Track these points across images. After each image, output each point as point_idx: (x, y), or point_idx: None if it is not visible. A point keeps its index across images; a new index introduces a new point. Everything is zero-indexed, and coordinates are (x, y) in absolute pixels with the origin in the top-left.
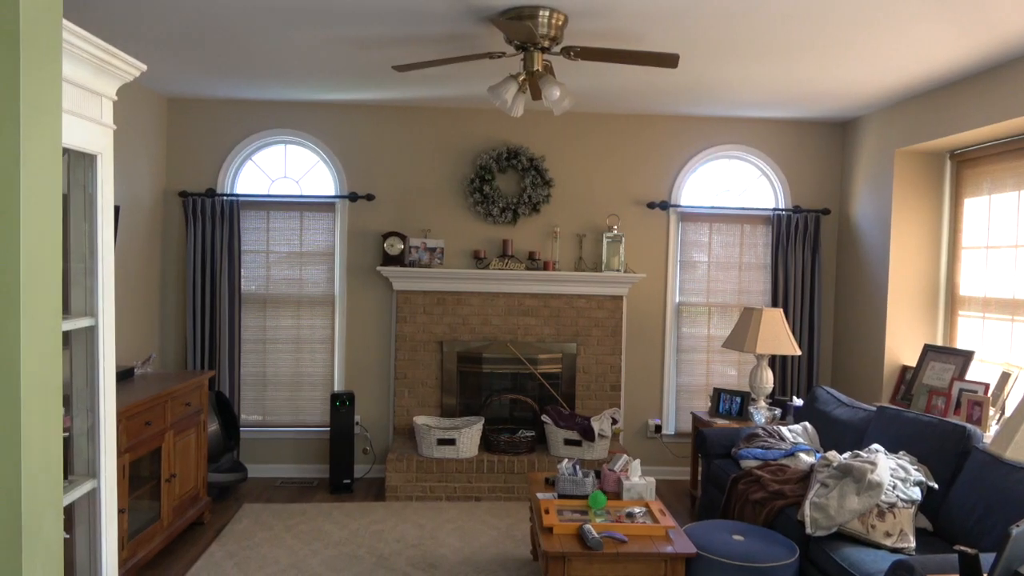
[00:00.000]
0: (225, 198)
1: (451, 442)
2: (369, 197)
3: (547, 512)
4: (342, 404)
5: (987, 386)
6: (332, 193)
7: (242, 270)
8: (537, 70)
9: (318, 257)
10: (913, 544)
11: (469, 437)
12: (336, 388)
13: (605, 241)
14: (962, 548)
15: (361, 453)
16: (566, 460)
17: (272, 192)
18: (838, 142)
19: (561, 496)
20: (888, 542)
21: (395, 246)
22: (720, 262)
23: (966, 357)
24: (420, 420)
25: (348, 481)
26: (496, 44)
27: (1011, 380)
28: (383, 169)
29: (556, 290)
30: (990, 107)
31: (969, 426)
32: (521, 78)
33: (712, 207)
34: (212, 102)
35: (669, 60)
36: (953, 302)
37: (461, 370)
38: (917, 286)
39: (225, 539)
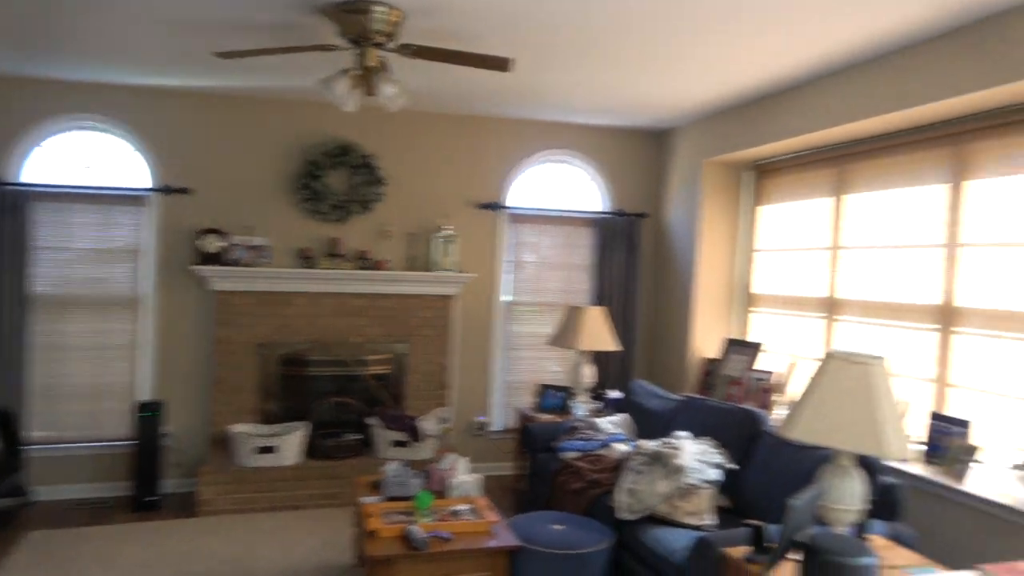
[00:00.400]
0: (10, 188)
1: (272, 450)
2: (184, 191)
3: (371, 516)
4: (148, 414)
5: (774, 374)
6: (144, 185)
7: (33, 269)
8: (372, 66)
9: (126, 255)
10: (713, 521)
11: (291, 444)
12: (143, 397)
13: (437, 241)
14: (749, 521)
15: (171, 467)
16: (394, 462)
17: (73, 183)
18: (656, 150)
19: (388, 499)
20: (692, 521)
21: (213, 243)
22: (549, 262)
23: (756, 348)
24: (238, 428)
25: (154, 498)
26: (330, 36)
27: (794, 368)
28: (202, 161)
29: (387, 290)
30: (784, 124)
31: (758, 411)
32: (355, 73)
33: (541, 209)
34: None
35: (502, 64)
36: (748, 299)
37: (285, 374)
38: (719, 285)
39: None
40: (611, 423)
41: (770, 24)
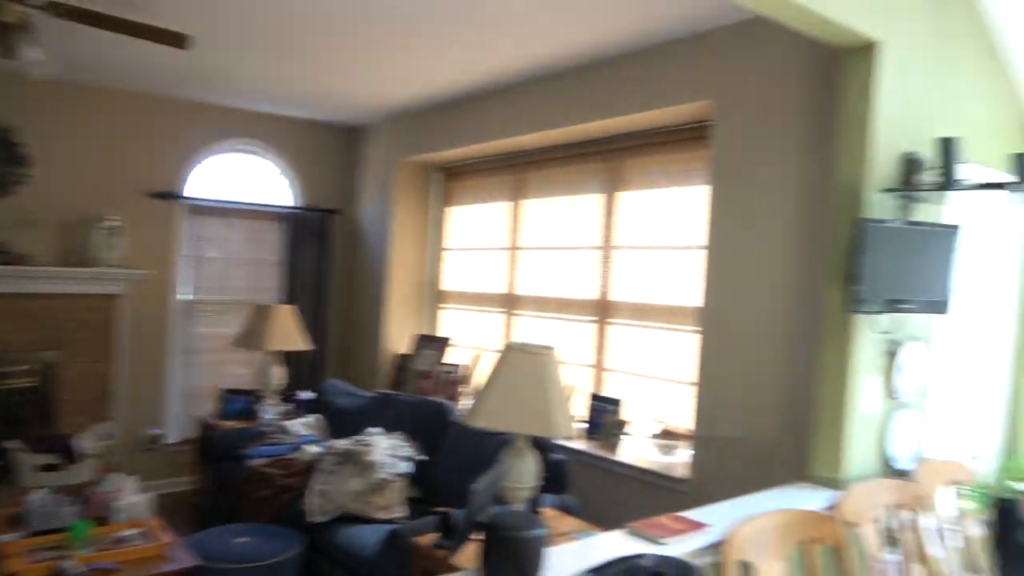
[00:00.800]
0: None
1: None
2: None
3: (11, 556)
4: None
5: (459, 367)
6: None
7: None
8: (9, 22)
9: None
10: (405, 513)
11: None
12: None
13: (99, 233)
14: (436, 509)
15: None
16: (42, 490)
17: None
18: (349, 146)
19: (34, 533)
20: (384, 515)
21: None
22: (235, 258)
23: (444, 343)
24: None
25: None
26: None
27: (479, 361)
28: None
29: (33, 289)
30: (468, 131)
31: (447, 403)
32: None
33: (226, 201)
34: None
35: (179, 40)
36: (437, 296)
37: None
38: (410, 282)
39: None
40: (302, 425)
41: (458, 38)
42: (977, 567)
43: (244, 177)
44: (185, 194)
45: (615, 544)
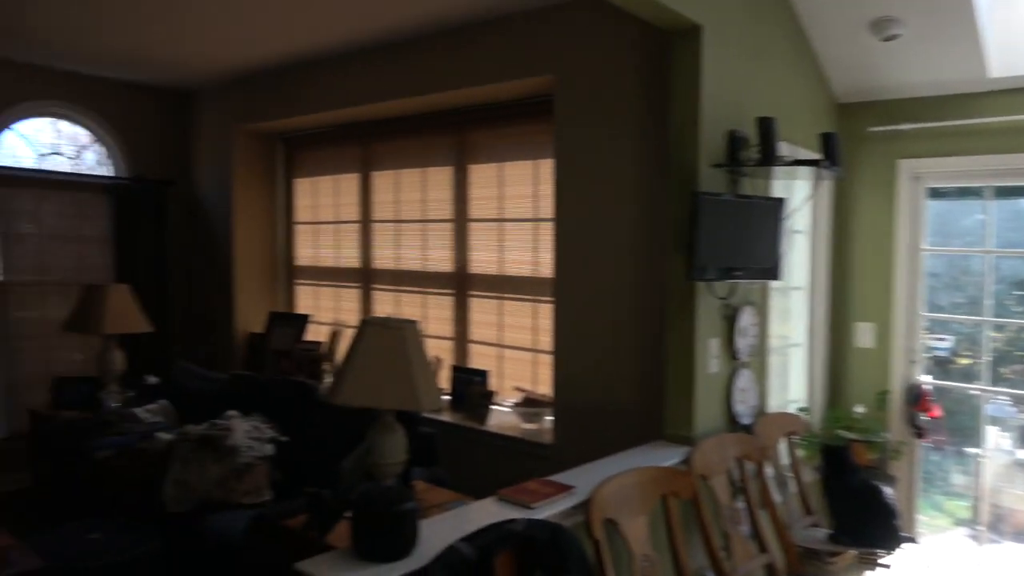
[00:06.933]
0: None
1: None
2: None
3: None
4: None
5: (321, 344)
6: None
7: None
8: None
9: None
10: (270, 496)
11: None
12: None
13: None
14: (307, 489)
15: None
16: None
17: None
18: (180, 113)
19: None
20: (247, 500)
21: None
22: (55, 235)
23: (303, 320)
24: None
25: None
26: None
27: (338, 337)
28: None
29: None
30: (311, 98)
31: (308, 381)
32: None
33: (37, 171)
34: None
35: None
36: (291, 272)
37: None
38: (260, 258)
39: None
40: (150, 412)
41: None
42: (811, 509)
43: (59, 145)
44: None
45: (487, 512)
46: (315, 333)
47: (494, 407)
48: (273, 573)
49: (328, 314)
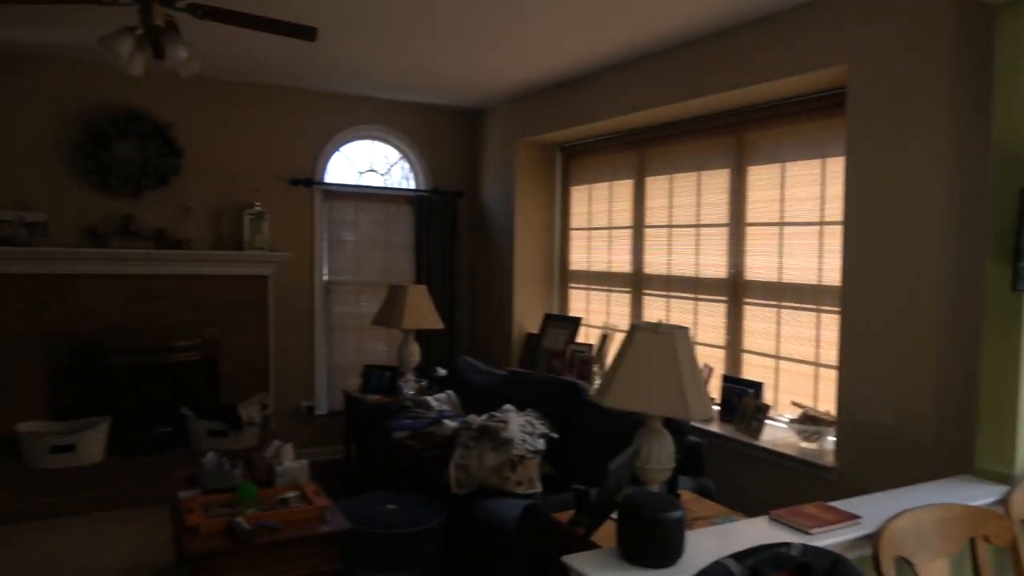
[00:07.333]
0: None
1: (69, 448)
2: None
3: (191, 511)
4: None
5: (591, 347)
6: None
7: None
8: (158, 25)
9: None
10: (540, 489)
11: (92, 440)
12: None
13: (247, 218)
14: (575, 487)
15: None
16: (211, 453)
17: None
18: (471, 129)
19: (207, 492)
20: (520, 490)
21: None
22: (367, 241)
23: (575, 323)
24: (26, 427)
25: None
26: None
27: (608, 340)
28: None
29: (192, 271)
30: (589, 108)
31: (579, 382)
32: (139, 32)
33: (358, 186)
34: None
35: (307, 33)
36: (565, 276)
37: (78, 366)
38: (537, 262)
39: None
40: (438, 400)
41: (577, 15)
42: None
43: (374, 162)
44: (320, 179)
45: (757, 531)
46: (586, 335)
47: (768, 421)
48: (540, 562)
49: (599, 317)
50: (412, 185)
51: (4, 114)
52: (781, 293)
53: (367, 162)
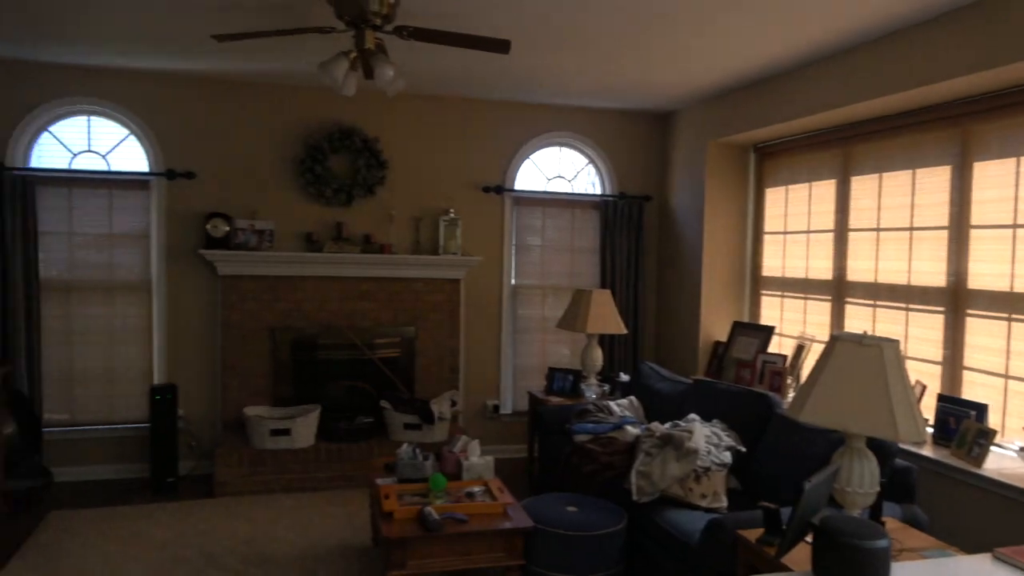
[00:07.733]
0: (16, 173)
1: (286, 432)
2: (189, 175)
3: (387, 497)
4: (163, 398)
5: (785, 357)
6: (144, 169)
7: (39, 254)
8: (369, 48)
9: (131, 239)
10: (725, 503)
11: (305, 426)
12: (156, 381)
13: (442, 224)
14: (765, 504)
15: (186, 448)
16: (406, 444)
17: (75, 167)
18: (659, 133)
19: (401, 480)
20: (704, 503)
21: (219, 228)
22: (553, 245)
23: (768, 332)
24: (252, 411)
25: (172, 479)
26: (326, 18)
27: (804, 352)
28: (205, 146)
29: (393, 273)
30: (788, 105)
31: (771, 394)
32: (352, 56)
33: (545, 192)
34: None
35: (501, 46)
36: (757, 282)
37: (295, 358)
38: (727, 268)
39: (27, 552)
40: (620, 405)
41: (771, 8)
42: None
43: (561, 168)
44: (509, 186)
45: (978, 570)
46: (778, 345)
47: (993, 448)
48: None
49: (794, 326)
50: (598, 190)
51: (238, 136)
52: (1014, 304)
53: (554, 168)
